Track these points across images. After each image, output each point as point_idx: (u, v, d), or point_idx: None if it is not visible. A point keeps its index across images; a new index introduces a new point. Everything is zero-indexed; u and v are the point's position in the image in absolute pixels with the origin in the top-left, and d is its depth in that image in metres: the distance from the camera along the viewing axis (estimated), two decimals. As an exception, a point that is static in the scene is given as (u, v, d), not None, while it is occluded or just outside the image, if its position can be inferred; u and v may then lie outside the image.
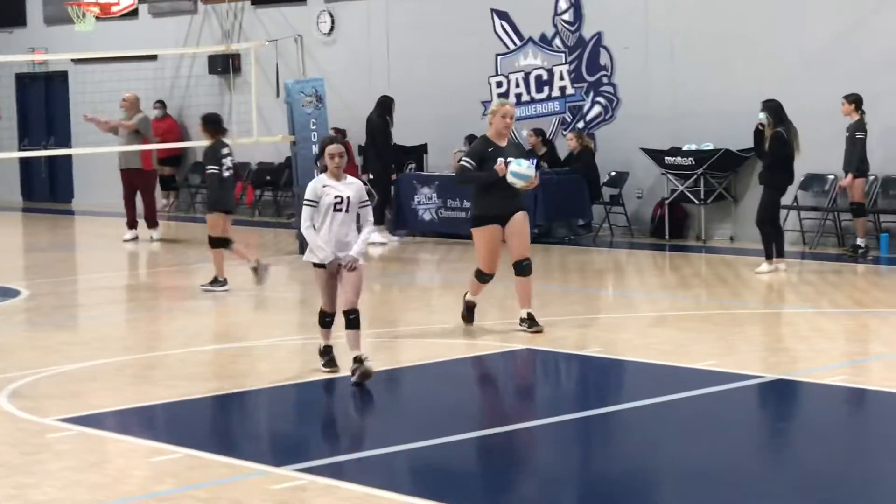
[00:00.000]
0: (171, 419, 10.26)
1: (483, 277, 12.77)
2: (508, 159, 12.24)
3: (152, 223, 22.34)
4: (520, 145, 14.12)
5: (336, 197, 10.87)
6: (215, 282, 16.23)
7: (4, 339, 13.72)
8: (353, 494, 7.93)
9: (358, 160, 23.04)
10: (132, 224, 22.20)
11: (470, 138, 21.61)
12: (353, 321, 10.79)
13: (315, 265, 10.91)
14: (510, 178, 12.17)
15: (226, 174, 16.54)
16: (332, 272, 10.81)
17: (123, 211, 22.54)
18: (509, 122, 12.80)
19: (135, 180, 22.14)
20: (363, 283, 11.17)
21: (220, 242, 16.32)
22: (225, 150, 16.58)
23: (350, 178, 11.18)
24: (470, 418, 9.93)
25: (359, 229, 10.96)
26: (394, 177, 21.63)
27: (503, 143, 12.75)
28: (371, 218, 11.31)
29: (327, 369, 11.17)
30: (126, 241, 21.95)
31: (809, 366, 11.49)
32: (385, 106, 21.43)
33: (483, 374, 11.74)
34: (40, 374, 11.73)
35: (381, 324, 13.66)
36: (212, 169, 16.37)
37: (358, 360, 10.69)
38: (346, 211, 10.87)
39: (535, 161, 13.03)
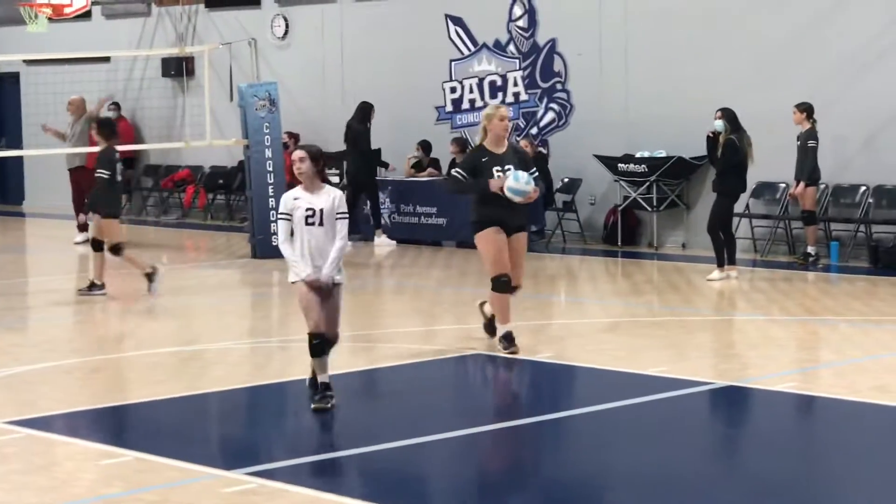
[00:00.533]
0: (121, 422, 10.26)
1: (499, 285, 11.68)
2: (507, 168, 11.57)
3: (82, 227, 21.84)
4: (520, 150, 12.72)
5: (307, 210, 10.00)
6: (93, 286, 16.06)
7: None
8: (303, 498, 7.98)
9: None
10: (83, 227, 21.99)
11: (423, 143, 21.65)
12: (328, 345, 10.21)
13: (294, 283, 10.21)
14: (508, 194, 11.41)
15: (118, 178, 16.36)
16: (312, 286, 10.07)
17: (72, 215, 22.41)
18: (507, 124, 11.93)
19: (82, 179, 21.85)
20: (339, 310, 10.41)
21: (114, 248, 16.09)
22: (116, 156, 16.33)
23: (327, 188, 10.14)
24: (420, 424, 9.90)
25: None
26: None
27: (501, 150, 11.96)
28: (344, 232, 10.17)
29: (319, 406, 10.11)
30: (77, 243, 21.69)
31: (760, 373, 11.53)
32: (365, 112, 21.42)
33: (435, 379, 11.70)
34: (-11, 377, 11.66)
35: (287, 331, 13.52)
36: (103, 173, 16.01)
37: (325, 393, 10.08)
38: (321, 224, 10.01)
39: (534, 172, 11.94)
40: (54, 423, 9.84)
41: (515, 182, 11.43)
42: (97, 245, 16.08)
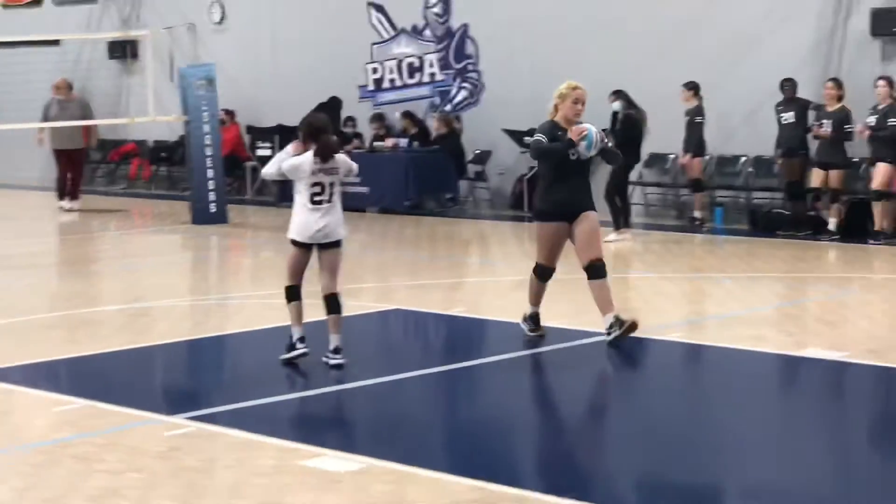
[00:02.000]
0: (71, 373, 10.20)
1: (542, 273, 10.65)
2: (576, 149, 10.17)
3: (74, 195, 22.21)
4: None
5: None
6: None
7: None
8: (235, 440, 7.99)
9: (247, 139, 23.04)
10: (63, 195, 22.23)
11: (348, 119, 21.71)
12: (335, 306, 10.00)
13: (294, 242, 9.92)
14: (582, 146, 10.10)
15: None
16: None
17: (41, 185, 22.51)
18: (580, 108, 10.43)
19: (74, 157, 22.04)
20: (339, 266, 10.12)
21: None
22: None
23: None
24: (344, 373, 9.86)
25: None
26: None
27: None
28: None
29: (295, 352, 9.95)
30: (65, 210, 21.78)
31: (651, 324, 11.53)
32: (330, 107, 21.29)
33: (357, 332, 11.69)
34: (-50, 332, 11.65)
35: (264, 286, 13.51)
36: None
37: (337, 352, 9.87)
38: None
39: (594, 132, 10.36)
40: (10, 375, 9.78)
41: (588, 142, 10.08)
42: None
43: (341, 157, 10.02)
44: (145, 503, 6.83)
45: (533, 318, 10.69)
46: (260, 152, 22.69)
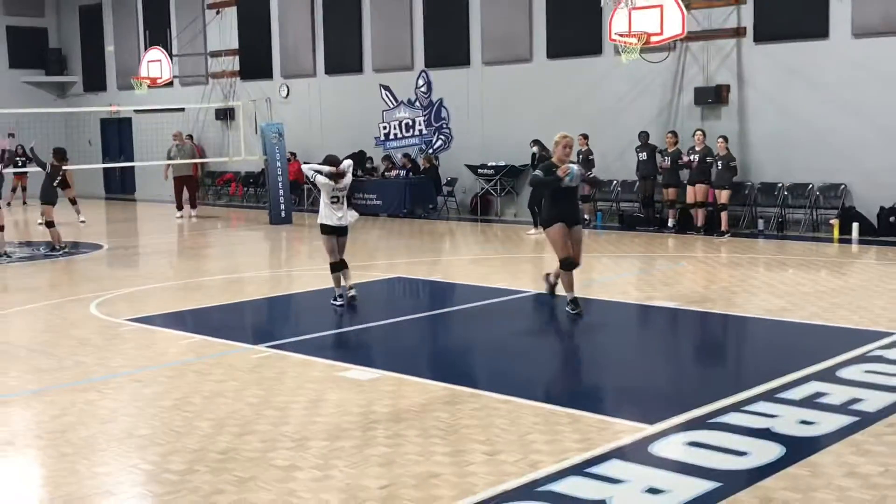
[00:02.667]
0: (192, 318, 10.20)
1: (566, 264, 9.58)
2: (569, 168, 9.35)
3: (193, 206, 22.16)
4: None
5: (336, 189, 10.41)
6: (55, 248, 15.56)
7: (96, 271, 13.57)
8: (296, 360, 8.02)
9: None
10: (180, 207, 22.03)
11: (369, 159, 21.69)
12: (344, 264, 10.54)
13: (324, 225, 10.40)
14: (567, 180, 9.27)
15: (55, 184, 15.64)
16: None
17: (171, 200, 22.52)
18: (569, 151, 9.58)
19: (187, 182, 22.05)
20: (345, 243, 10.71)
21: (50, 224, 15.47)
22: (63, 169, 15.80)
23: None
24: (364, 315, 9.97)
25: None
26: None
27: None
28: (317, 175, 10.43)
29: (337, 304, 10.33)
30: (177, 218, 21.60)
31: (558, 287, 11.70)
32: (358, 157, 21.25)
33: (373, 292, 11.72)
34: (114, 293, 11.65)
35: (315, 264, 13.40)
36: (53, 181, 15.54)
37: (351, 288, 10.47)
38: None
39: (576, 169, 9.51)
40: (153, 320, 9.87)
41: (570, 176, 9.24)
42: (50, 224, 15.50)
43: (347, 179, 10.50)
44: (239, 400, 6.89)
45: (573, 302, 9.57)
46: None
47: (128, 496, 5.12)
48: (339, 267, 10.43)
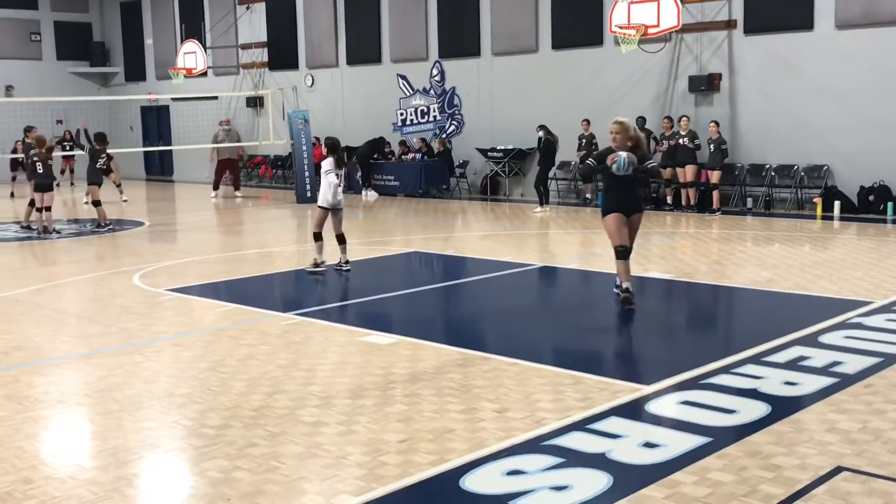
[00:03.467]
0: (227, 288, 10.22)
1: (620, 253, 8.58)
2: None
3: (237, 188, 22.18)
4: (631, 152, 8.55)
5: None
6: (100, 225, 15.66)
7: (138, 246, 13.62)
8: (321, 325, 8.05)
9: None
10: (217, 188, 22.04)
11: (387, 143, 21.63)
12: (343, 240, 10.88)
13: (321, 208, 10.78)
14: (613, 168, 8.36)
15: (99, 166, 15.77)
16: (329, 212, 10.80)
17: (201, 182, 22.53)
18: (615, 137, 8.44)
19: (230, 165, 22.07)
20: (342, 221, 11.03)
21: (97, 203, 15.58)
22: (106, 153, 15.93)
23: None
24: (383, 286, 9.95)
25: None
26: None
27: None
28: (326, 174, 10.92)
29: (319, 269, 10.80)
30: (212, 198, 21.58)
31: (560, 259, 11.70)
32: (377, 141, 21.38)
33: (390, 266, 11.78)
34: (155, 266, 11.69)
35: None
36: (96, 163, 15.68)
37: (346, 262, 10.78)
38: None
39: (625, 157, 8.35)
40: (191, 290, 9.92)
41: (618, 164, 8.30)
42: (97, 203, 15.61)
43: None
44: (270, 362, 6.92)
45: (627, 291, 8.53)
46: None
47: (169, 448, 5.16)
48: (321, 237, 10.82)
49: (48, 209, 14.93)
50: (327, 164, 10.72)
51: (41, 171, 14.83)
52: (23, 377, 6.70)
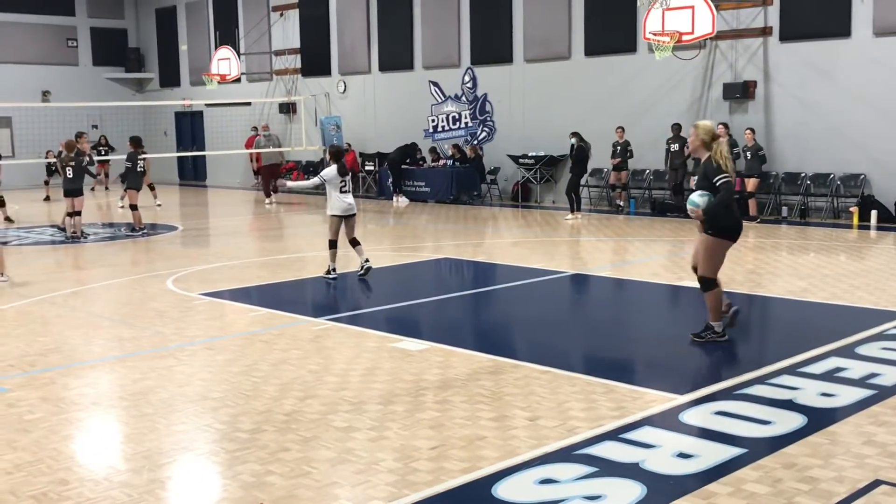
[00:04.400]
0: (259, 293, 10.27)
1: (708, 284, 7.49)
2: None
3: (268, 193, 21.80)
4: (709, 164, 7.14)
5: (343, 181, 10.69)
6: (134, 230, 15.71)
7: (172, 250, 13.74)
8: (353, 331, 8.07)
9: (359, 160, 23.01)
10: (269, 194, 21.64)
11: (419, 150, 21.67)
12: (357, 243, 10.88)
13: (334, 216, 10.67)
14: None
15: (140, 169, 15.93)
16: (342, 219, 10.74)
17: (233, 187, 22.55)
18: (691, 138, 7.35)
19: (274, 169, 21.80)
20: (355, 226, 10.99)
21: (134, 207, 15.68)
22: (142, 155, 16.05)
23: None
24: (414, 292, 9.98)
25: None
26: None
27: (702, 157, 7.31)
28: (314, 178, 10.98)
29: (331, 276, 10.73)
30: (267, 204, 21.31)
31: (592, 266, 11.63)
32: (409, 148, 21.31)
33: (420, 272, 11.77)
34: (188, 270, 11.77)
35: (369, 244, 13.50)
36: (131, 165, 15.83)
37: (367, 260, 10.80)
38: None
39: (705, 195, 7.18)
40: (223, 294, 9.98)
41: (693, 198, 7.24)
42: (134, 207, 15.67)
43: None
44: (302, 367, 6.95)
45: (729, 318, 7.50)
46: (366, 167, 22.82)
47: (203, 452, 5.20)
48: (336, 245, 10.74)
49: (78, 213, 15.11)
50: (330, 173, 10.63)
51: (70, 177, 15.01)
52: (58, 379, 6.78)
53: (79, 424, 5.77)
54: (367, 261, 10.87)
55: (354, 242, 10.88)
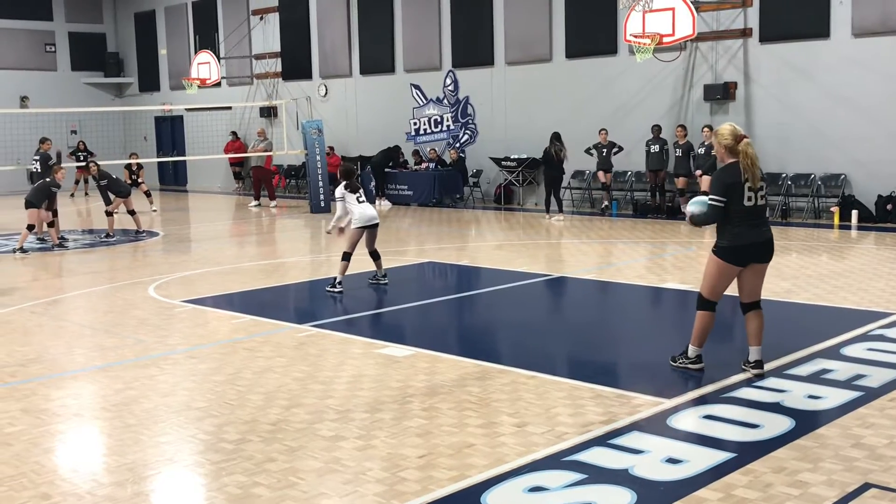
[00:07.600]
0: (241, 300, 10.18)
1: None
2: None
3: (272, 198, 21.64)
4: (720, 174, 6.41)
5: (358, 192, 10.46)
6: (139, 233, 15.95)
7: (153, 257, 13.62)
8: (338, 338, 8.01)
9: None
10: (258, 196, 21.68)
11: (401, 153, 21.63)
12: (377, 256, 10.70)
13: (357, 228, 10.35)
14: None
15: (115, 177, 16.06)
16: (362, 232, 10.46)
17: (216, 192, 22.40)
18: (711, 140, 6.94)
19: (262, 173, 21.68)
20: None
21: (109, 214, 15.86)
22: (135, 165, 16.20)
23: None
24: (399, 297, 9.94)
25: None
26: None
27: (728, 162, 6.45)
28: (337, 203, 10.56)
29: (336, 290, 10.20)
30: (252, 207, 21.25)
31: (575, 269, 11.62)
32: (392, 151, 21.17)
33: (405, 276, 11.70)
34: (170, 277, 11.68)
35: (330, 251, 13.45)
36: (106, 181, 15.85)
37: (384, 276, 10.64)
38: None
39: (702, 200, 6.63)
40: (206, 301, 9.90)
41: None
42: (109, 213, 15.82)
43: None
44: (286, 374, 6.89)
45: (757, 365, 6.52)
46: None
47: (187, 463, 5.13)
48: (349, 258, 10.35)
49: (50, 224, 15.02)
50: (341, 191, 10.42)
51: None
52: (40, 390, 6.69)
53: (61, 437, 5.68)
54: (384, 276, 10.64)
55: (375, 255, 10.63)
